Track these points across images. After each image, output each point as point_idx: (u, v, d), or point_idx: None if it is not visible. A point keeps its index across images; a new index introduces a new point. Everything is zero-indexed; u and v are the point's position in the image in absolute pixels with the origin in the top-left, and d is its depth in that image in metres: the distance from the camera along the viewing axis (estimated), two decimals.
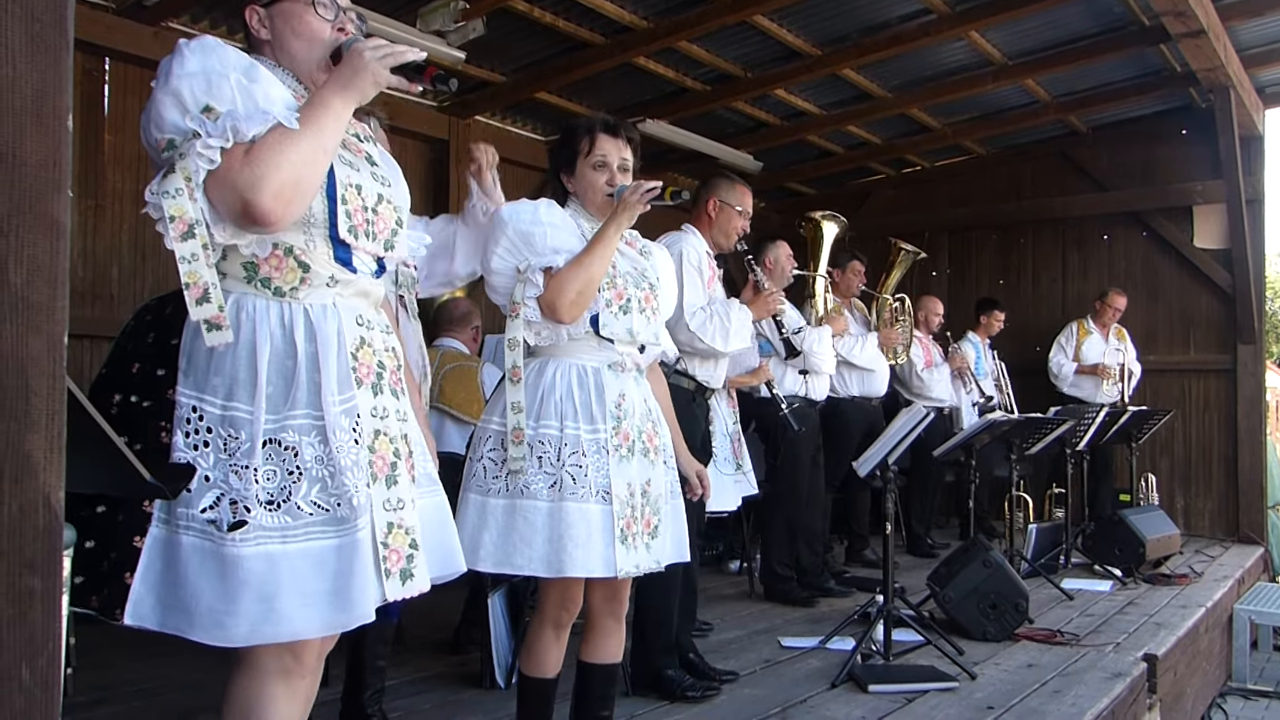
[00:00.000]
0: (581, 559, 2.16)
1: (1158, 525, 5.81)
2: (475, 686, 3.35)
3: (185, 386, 1.57)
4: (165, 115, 1.53)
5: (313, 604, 1.54)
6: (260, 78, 1.60)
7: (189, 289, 1.51)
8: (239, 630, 1.49)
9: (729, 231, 3.61)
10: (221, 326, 1.53)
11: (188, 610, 1.49)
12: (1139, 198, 7.55)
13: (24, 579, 0.91)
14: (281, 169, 1.52)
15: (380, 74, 1.62)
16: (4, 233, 0.88)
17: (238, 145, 1.52)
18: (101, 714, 3.01)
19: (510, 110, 6.58)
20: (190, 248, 1.51)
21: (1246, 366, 7.11)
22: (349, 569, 1.58)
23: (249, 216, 1.53)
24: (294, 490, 1.56)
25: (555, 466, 2.20)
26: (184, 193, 1.50)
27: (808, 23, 5.60)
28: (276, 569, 1.52)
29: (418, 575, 1.70)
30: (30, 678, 0.91)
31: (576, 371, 2.28)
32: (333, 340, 1.64)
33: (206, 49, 1.58)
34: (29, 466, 0.91)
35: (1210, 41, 5.31)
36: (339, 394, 1.62)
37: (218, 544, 1.51)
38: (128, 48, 4.63)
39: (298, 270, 1.64)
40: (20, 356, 0.90)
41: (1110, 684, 3.50)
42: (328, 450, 1.59)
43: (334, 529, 1.58)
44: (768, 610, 4.69)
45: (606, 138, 2.37)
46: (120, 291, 4.81)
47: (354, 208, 1.69)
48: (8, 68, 0.87)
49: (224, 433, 1.55)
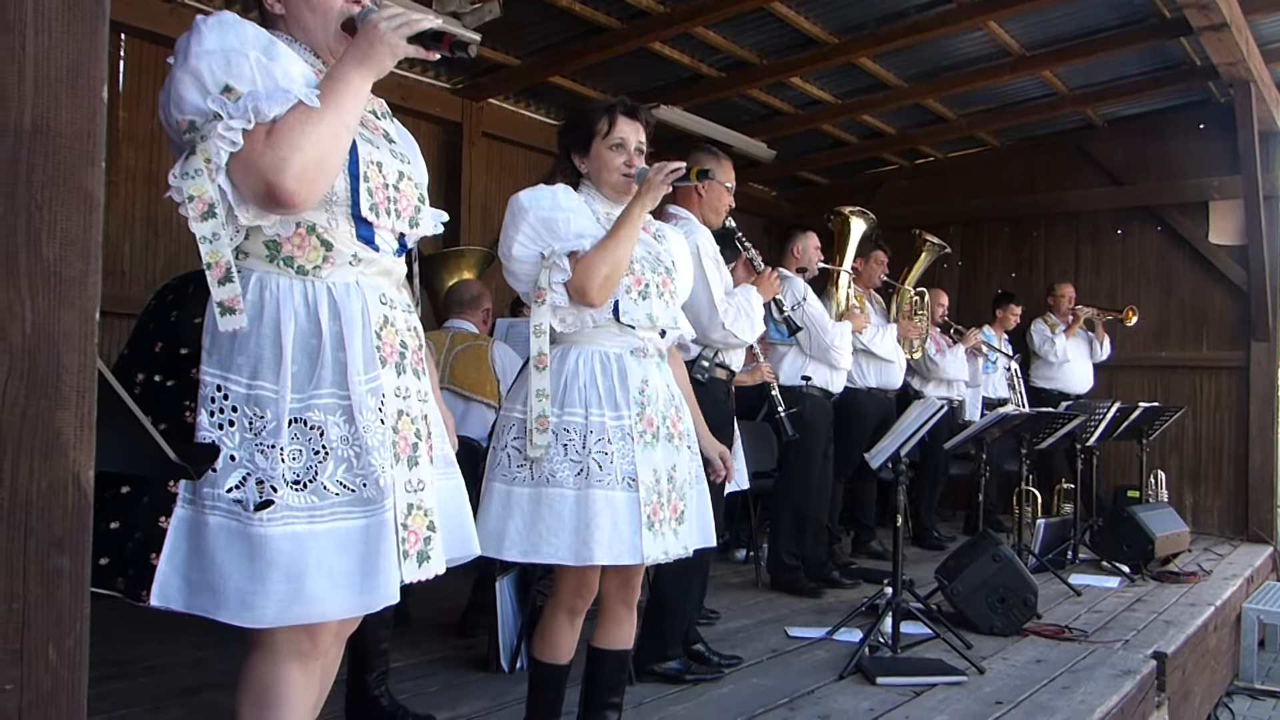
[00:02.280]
0: (609, 547, 2.15)
1: (1167, 522, 5.79)
2: (482, 670, 3.35)
3: (209, 365, 1.55)
4: (185, 95, 1.51)
5: (340, 585, 1.53)
6: (279, 54, 1.58)
7: (211, 269, 1.50)
8: (268, 611, 1.48)
9: (719, 208, 3.49)
10: (236, 311, 1.51)
11: (215, 591, 1.48)
12: (1154, 192, 7.51)
13: (52, 558, 0.90)
14: (304, 149, 1.50)
15: (397, 44, 1.59)
16: (38, 205, 0.86)
17: (259, 126, 1.49)
18: (109, 690, 3.02)
19: (524, 93, 6.55)
20: (210, 227, 1.49)
21: (1260, 364, 7.07)
22: (375, 550, 1.57)
23: (273, 198, 1.51)
24: (320, 470, 1.55)
25: (581, 454, 2.18)
26: (203, 173, 1.48)
27: (825, 10, 5.56)
28: (304, 549, 1.51)
29: (434, 557, 1.69)
30: (58, 658, 0.90)
31: (599, 358, 2.26)
32: (357, 319, 1.63)
33: (224, 25, 1.55)
34: (59, 444, 0.90)
35: (1233, 35, 5.26)
36: (364, 373, 1.61)
37: (245, 524, 1.49)
38: (144, 24, 4.61)
39: (320, 249, 1.62)
40: (52, 331, 0.88)
41: (1119, 681, 3.48)
42: (354, 430, 1.58)
43: (360, 509, 1.57)
44: (774, 600, 4.69)
45: (625, 120, 2.35)
46: (132, 268, 4.81)
47: (375, 185, 1.67)
48: (44, 37, 0.86)
49: (250, 412, 1.53)
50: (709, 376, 3.38)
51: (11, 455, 0.87)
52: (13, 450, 0.87)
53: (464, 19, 4.96)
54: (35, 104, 0.87)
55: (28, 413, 0.88)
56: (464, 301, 4.14)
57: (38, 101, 0.87)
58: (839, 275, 5.27)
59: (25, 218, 0.87)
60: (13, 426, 0.87)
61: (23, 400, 0.87)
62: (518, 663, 3.32)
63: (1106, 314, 7.25)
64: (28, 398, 0.88)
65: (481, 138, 6.37)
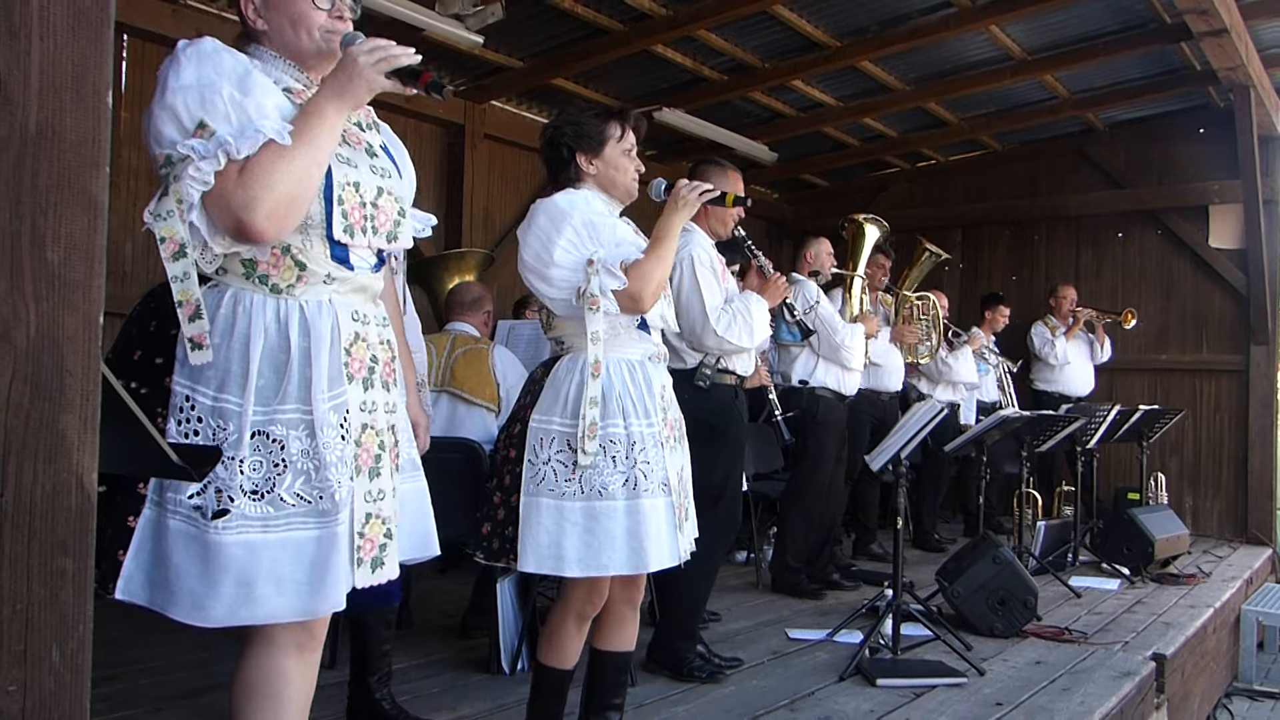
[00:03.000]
0: (658, 553, 2.19)
1: (1167, 525, 5.79)
2: (483, 671, 3.35)
3: (180, 376, 1.60)
4: (163, 131, 1.55)
5: (288, 591, 1.59)
6: (253, 87, 1.60)
7: (181, 306, 1.55)
8: (217, 612, 1.54)
9: (725, 219, 3.52)
10: (204, 347, 1.57)
11: (170, 590, 1.55)
12: (1155, 196, 7.51)
13: (56, 560, 0.90)
14: (275, 188, 1.54)
15: (374, 79, 1.63)
16: (42, 209, 0.87)
17: (231, 165, 1.53)
18: (110, 691, 3.02)
19: (526, 96, 6.56)
20: (182, 267, 1.54)
21: (1259, 367, 7.07)
22: (326, 560, 1.62)
23: (243, 235, 1.56)
24: (278, 482, 1.60)
25: (627, 464, 2.19)
26: (175, 215, 1.52)
27: (827, 13, 5.56)
28: (256, 556, 1.56)
29: (388, 563, 1.75)
30: (61, 660, 0.90)
31: (626, 366, 2.27)
32: (326, 336, 1.66)
33: (202, 56, 1.58)
34: (63, 447, 0.90)
35: (1232, 40, 5.27)
36: (329, 390, 1.65)
37: (201, 530, 1.55)
38: (146, 25, 4.62)
39: (295, 269, 1.66)
40: (56, 335, 0.89)
41: (1119, 683, 3.49)
42: (314, 444, 1.62)
43: (315, 520, 1.62)
44: (775, 602, 4.69)
45: (630, 129, 2.42)
46: (134, 269, 4.82)
47: (351, 206, 1.69)
48: (49, 42, 0.86)
49: (213, 423, 1.59)
50: (711, 382, 3.39)
51: (15, 458, 0.88)
52: (16, 453, 0.87)
53: (466, 21, 4.97)
54: (40, 108, 0.87)
55: (32, 416, 0.88)
56: (465, 304, 4.14)
57: (42, 106, 0.87)
58: (852, 280, 5.28)
59: (30, 222, 0.87)
60: (17, 429, 0.87)
61: (27, 403, 0.88)
62: (519, 664, 3.33)
63: (1105, 316, 7.26)
64: (32, 401, 0.88)
65: (484, 140, 6.38)
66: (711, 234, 3.53)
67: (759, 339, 3.54)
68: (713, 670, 3.33)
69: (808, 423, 4.59)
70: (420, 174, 1.99)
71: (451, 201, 6.24)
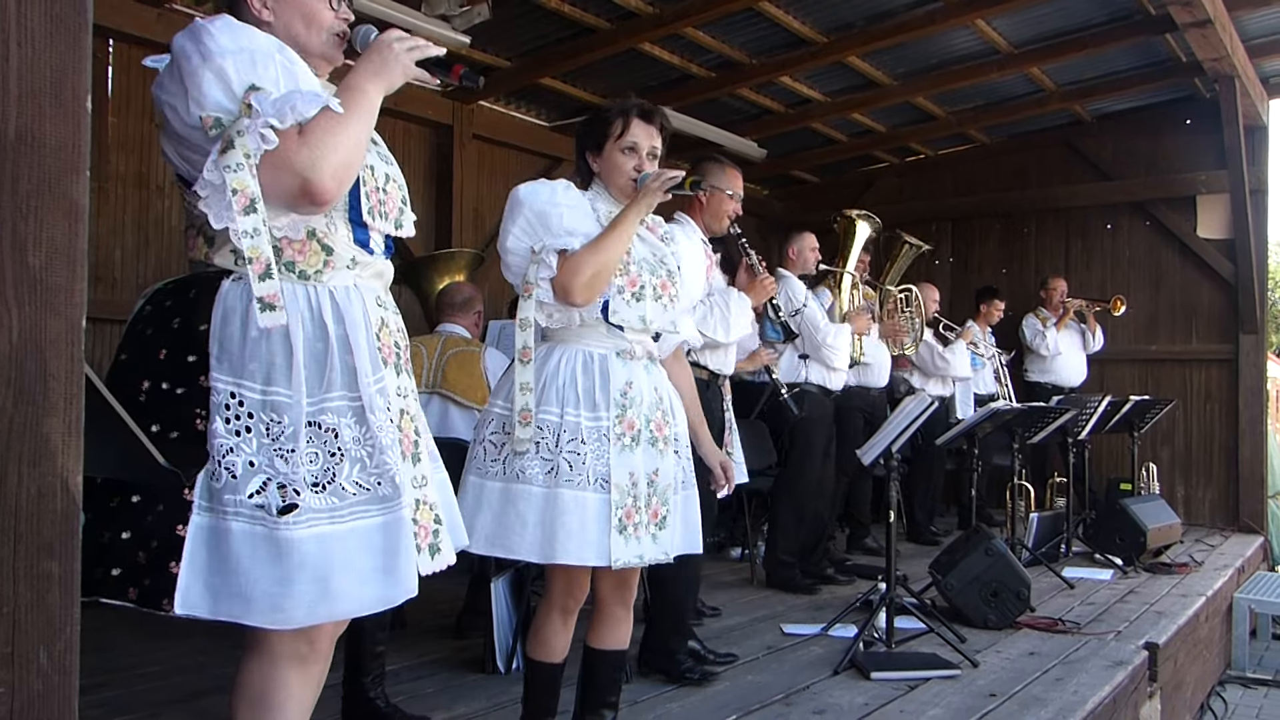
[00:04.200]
0: (575, 547, 2.15)
1: (1159, 514, 5.82)
2: (478, 671, 3.36)
3: (220, 373, 1.56)
4: (208, 92, 1.52)
5: (365, 581, 1.56)
6: (294, 58, 1.62)
7: (253, 264, 1.51)
8: (297, 612, 1.51)
9: (720, 216, 3.53)
10: (276, 306, 1.53)
11: (244, 596, 1.49)
12: (1143, 187, 7.54)
13: (42, 562, 0.91)
14: (338, 150, 1.54)
15: (410, 66, 1.67)
16: (23, 214, 0.88)
17: (292, 126, 1.52)
18: (105, 696, 3.02)
19: (514, 95, 6.56)
20: (253, 222, 1.50)
21: (1248, 356, 7.11)
22: (395, 545, 1.60)
23: (307, 195, 1.54)
24: (338, 471, 1.57)
25: (552, 452, 2.18)
26: (245, 168, 1.49)
27: (814, 9, 5.58)
28: (329, 549, 1.53)
29: (444, 549, 1.74)
30: (48, 662, 0.91)
31: (583, 358, 2.26)
32: (360, 322, 1.65)
33: (234, 28, 1.58)
34: (47, 450, 0.91)
35: (1216, 31, 5.29)
36: (372, 374, 1.64)
37: (270, 528, 1.51)
38: (132, 29, 4.61)
39: (321, 253, 1.65)
40: (39, 339, 0.90)
41: (1111, 672, 3.51)
42: (365, 430, 1.61)
43: (377, 507, 1.61)
44: (769, 597, 4.70)
45: (640, 123, 2.35)
46: (123, 274, 4.80)
47: (370, 189, 1.71)
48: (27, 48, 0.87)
49: (266, 417, 1.55)
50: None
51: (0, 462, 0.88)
52: (1, 457, 0.88)
53: (453, 21, 4.96)
54: (19, 114, 0.88)
55: (15, 420, 0.89)
56: (455, 305, 4.14)
57: (22, 112, 0.88)
58: (842, 276, 5.29)
59: (10, 227, 0.88)
60: (1, 434, 0.88)
61: (10, 408, 0.88)
62: (514, 663, 3.33)
63: (1095, 305, 7.29)
64: (15, 405, 0.89)
65: (472, 140, 6.37)
66: (706, 230, 3.53)
67: (735, 335, 3.54)
68: (704, 673, 3.29)
69: (794, 419, 4.59)
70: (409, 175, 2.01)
71: (441, 202, 6.24)
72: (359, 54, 1.73)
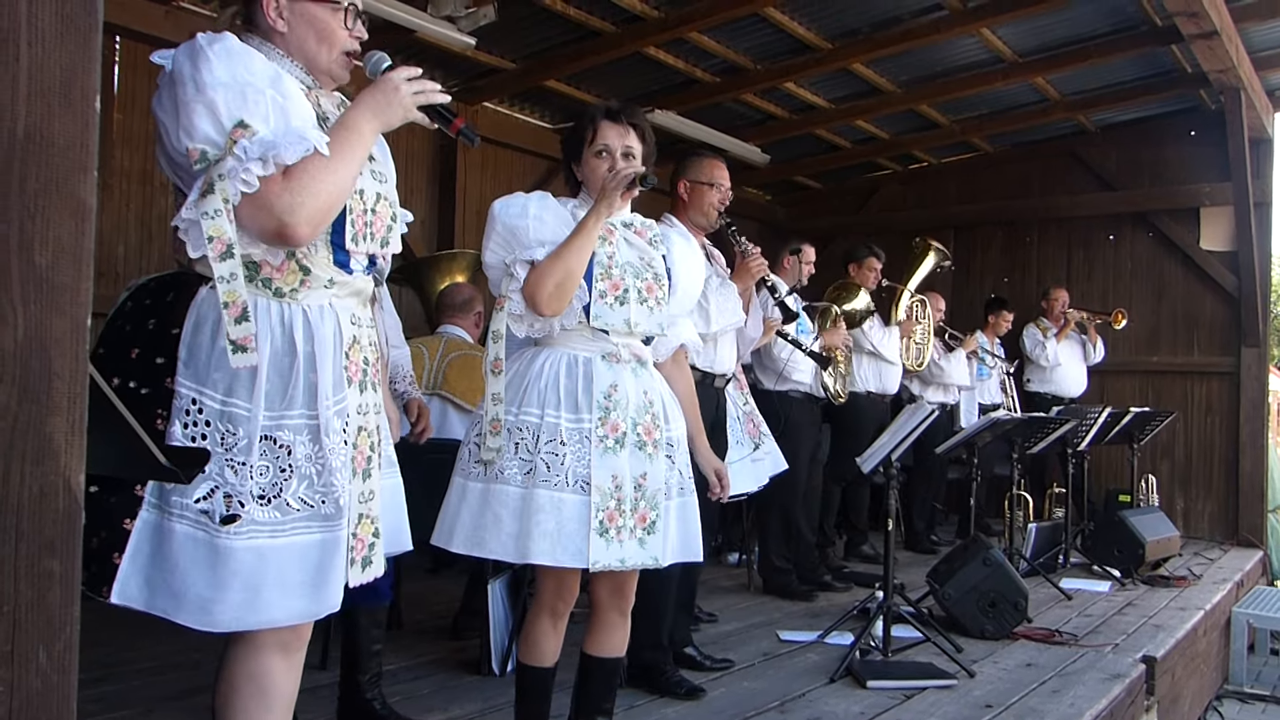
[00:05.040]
0: (549, 548, 2.15)
1: (1157, 527, 5.81)
2: (474, 673, 3.36)
3: (185, 378, 1.60)
4: (197, 125, 1.54)
5: (292, 594, 1.60)
6: (289, 92, 1.62)
7: (228, 308, 1.54)
8: (224, 617, 1.55)
9: (705, 209, 3.43)
10: (249, 349, 1.56)
11: (176, 595, 1.54)
12: (1146, 198, 7.54)
13: (43, 561, 0.91)
14: (318, 196, 1.56)
15: (411, 108, 1.69)
16: (30, 214, 0.88)
17: (276, 170, 1.54)
18: (103, 692, 3.02)
19: (518, 97, 6.56)
20: (229, 267, 1.54)
21: (1250, 369, 7.10)
22: (328, 563, 1.64)
23: (282, 238, 1.57)
24: (285, 487, 1.61)
25: (531, 453, 2.19)
26: (223, 214, 1.52)
27: (819, 16, 5.58)
28: (265, 562, 1.57)
29: (375, 561, 1.78)
30: (48, 660, 0.90)
31: (567, 360, 2.26)
32: (329, 341, 1.68)
33: (232, 55, 1.58)
34: (50, 449, 0.91)
35: (1223, 43, 5.29)
36: (333, 395, 1.67)
37: (211, 535, 1.55)
38: (139, 26, 4.61)
39: (298, 273, 1.67)
40: (44, 338, 0.90)
41: (1109, 685, 3.50)
42: (318, 449, 1.64)
43: (318, 524, 1.64)
44: (766, 603, 4.70)
45: (609, 125, 2.33)
46: (126, 269, 4.81)
47: (357, 215, 1.73)
48: (38, 48, 0.87)
49: (222, 428, 1.58)
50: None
51: (3, 460, 0.88)
52: (4, 455, 0.88)
53: (459, 23, 4.97)
54: (29, 113, 0.88)
55: (19, 418, 0.89)
56: (456, 306, 4.14)
57: (31, 111, 0.88)
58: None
59: (18, 226, 0.88)
60: (4, 432, 0.88)
61: (14, 406, 0.88)
62: (509, 665, 3.33)
63: (1096, 317, 7.29)
64: (19, 404, 0.89)
65: None
66: (694, 227, 3.39)
67: (718, 324, 3.43)
68: (691, 688, 3.22)
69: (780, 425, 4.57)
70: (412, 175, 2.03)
71: (444, 203, 6.24)
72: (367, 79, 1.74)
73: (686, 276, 2.48)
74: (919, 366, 6.10)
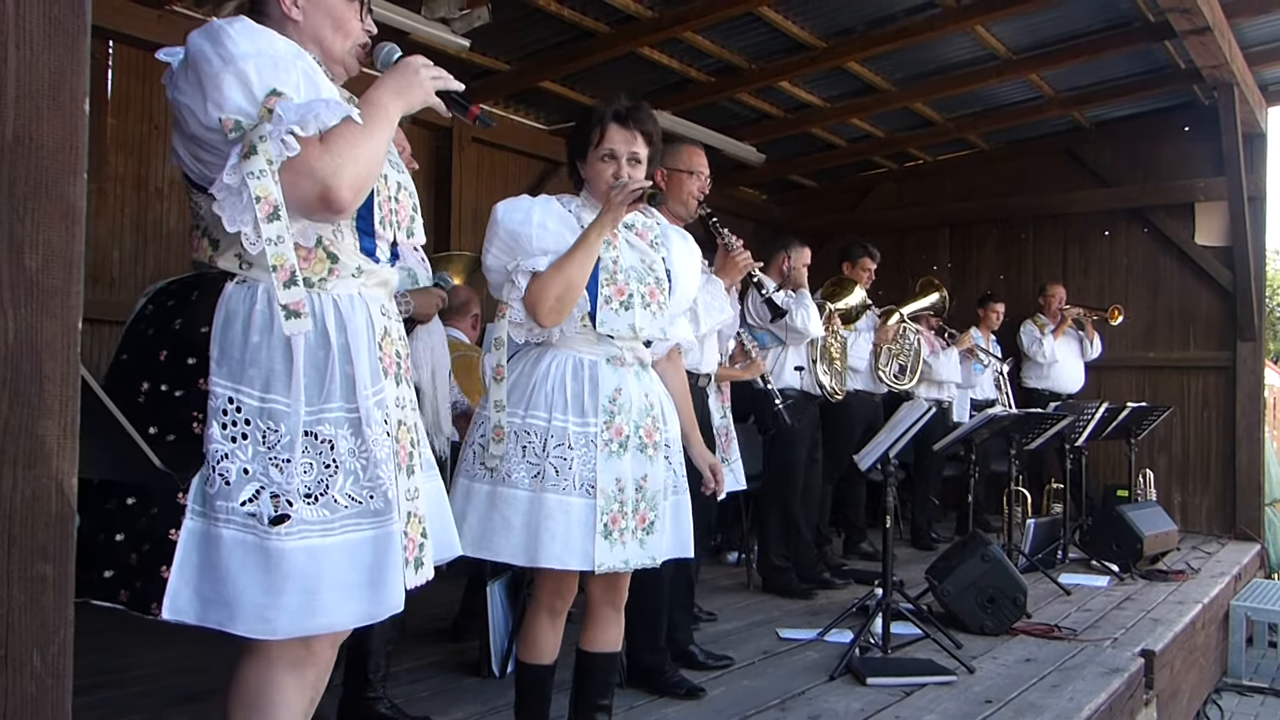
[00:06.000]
0: (558, 551, 2.15)
1: (1155, 521, 5.82)
2: (474, 675, 3.36)
3: (219, 377, 1.54)
4: (229, 95, 1.50)
5: (351, 595, 1.55)
6: (316, 67, 1.63)
7: (278, 271, 1.50)
8: (281, 623, 1.49)
9: (683, 198, 3.29)
10: (301, 314, 1.52)
11: (230, 604, 1.48)
12: (1141, 194, 7.55)
13: (36, 565, 0.90)
14: (358, 160, 1.54)
15: (430, 93, 1.68)
16: (20, 217, 0.87)
17: (313, 135, 1.52)
18: (103, 698, 3.01)
19: (513, 99, 6.56)
20: (276, 229, 1.49)
21: (1246, 364, 7.11)
22: (384, 561, 1.59)
23: (325, 203, 1.53)
24: (331, 483, 1.56)
25: (539, 457, 2.19)
26: (268, 174, 1.48)
27: (813, 14, 5.58)
28: (319, 562, 1.52)
29: (426, 563, 1.72)
30: (42, 665, 0.90)
31: (572, 363, 2.26)
32: (363, 331, 1.64)
33: (255, 31, 1.56)
34: (42, 452, 0.91)
35: (1215, 38, 5.30)
36: (370, 386, 1.62)
37: (261, 538, 1.49)
38: (132, 30, 4.61)
39: (326, 261, 1.64)
40: (34, 342, 0.89)
41: (1108, 679, 3.51)
42: (361, 442, 1.59)
43: (369, 521, 1.59)
44: (766, 602, 4.70)
45: (616, 128, 2.32)
46: (122, 274, 4.80)
47: (383, 198, 1.71)
48: (25, 50, 0.86)
49: (263, 425, 1.53)
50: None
51: None
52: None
53: (453, 24, 4.97)
54: (17, 116, 0.88)
55: (11, 422, 0.89)
56: (452, 308, 4.13)
57: (19, 113, 0.88)
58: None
59: (7, 229, 0.88)
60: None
61: (5, 410, 0.88)
62: (509, 667, 3.33)
63: (1093, 313, 7.29)
64: (11, 407, 0.89)
65: (471, 143, 6.38)
66: (672, 217, 3.20)
67: (706, 325, 3.34)
68: (691, 688, 3.20)
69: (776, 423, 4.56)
70: None
71: (439, 204, 6.24)
72: (377, 70, 1.74)
73: (685, 277, 2.49)
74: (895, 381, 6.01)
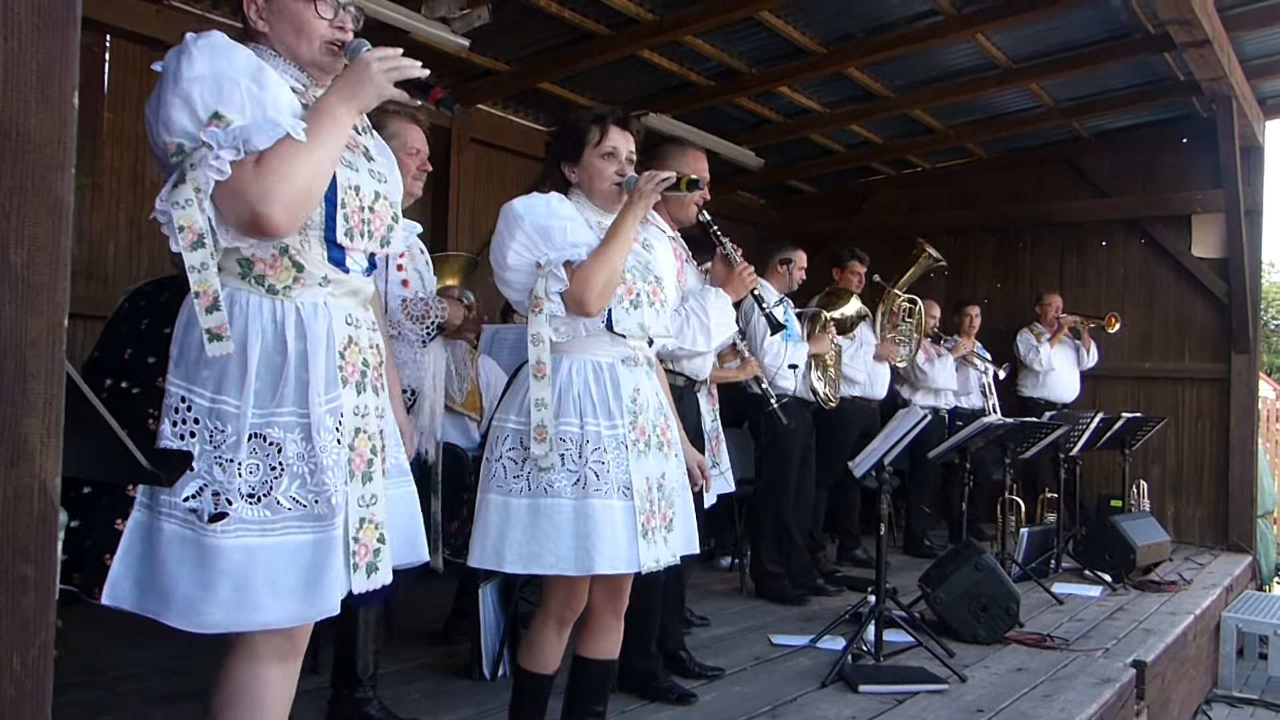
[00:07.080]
0: (609, 556, 2.15)
1: (1149, 532, 5.82)
2: (465, 677, 3.34)
3: (175, 376, 1.60)
4: (174, 118, 1.54)
5: (284, 595, 1.58)
6: (268, 82, 1.61)
7: (199, 297, 1.54)
8: (214, 617, 1.53)
9: (685, 205, 3.21)
10: (223, 337, 1.55)
11: (164, 595, 1.53)
12: (1139, 205, 7.56)
13: (17, 566, 0.89)
14: (292, 180, 1.55)
15: (385, 86, 1.65)
16: (5, 212, 0.86)
17: (248, 157, 1.53)
18: (87, 697, 2.99)
19: (512, 100, 6.55)
20: (200, 257, 1.53)
21: (1240, 376, 7.12)
22: (322, 564, 1.62)
23: (258, 227, 1.55)
24: (275, 485, 1.59)
25: (578, 464, 2.18)
26: (193, 203, 1.51)
27: (814, 20, 5.57)
28: (254, 561, 1.55)
29: (382, 568, 1.75)
30: (22, 667, 0.89)
31: (592, 367, 2.26)
32: (322, 339, 1.67)
33: (215, 49, 1.58)
34: (25, 451, 0.89)
35: (1215, 51, 5.30)
36: (325, 393, 1.65)
37: (198, 533, 1.54)
38: (130, 25, 4.59)
39: (291, 269, 1.66)
40: (19, 339, 0.88)
41: (1099, 689, 3.50)
42: (310, 448, 1.62)
43: (311, 525, 1.62)
44: (758, 607, 4.69)
45: (617, 130, 2.36)
46: (116, 270, 4.78)
47: (351, 210, 1.71)
48: (14, 42, 0.85)
49: (211, 425, 1.58)
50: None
51: None
52: None
53: (453, 24, 4.95)
54: (4, 108, 0.86)
55: None
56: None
57: (6, 106, 0.86)
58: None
59: None
60: None
61: None
62: (500, 670, 3.31)
63: (1089, 321, 7.30)
64: None
65: (469, 144, 6.36)
66: (673, 223, 3.25)
67: (719, 339, 3.36)
68: (683, 694, 3.19)
69: (770, 428, 4.55)
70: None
71: (437, 205, 6.22)
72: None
73: (669, 275, 2.50)
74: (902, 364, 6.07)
